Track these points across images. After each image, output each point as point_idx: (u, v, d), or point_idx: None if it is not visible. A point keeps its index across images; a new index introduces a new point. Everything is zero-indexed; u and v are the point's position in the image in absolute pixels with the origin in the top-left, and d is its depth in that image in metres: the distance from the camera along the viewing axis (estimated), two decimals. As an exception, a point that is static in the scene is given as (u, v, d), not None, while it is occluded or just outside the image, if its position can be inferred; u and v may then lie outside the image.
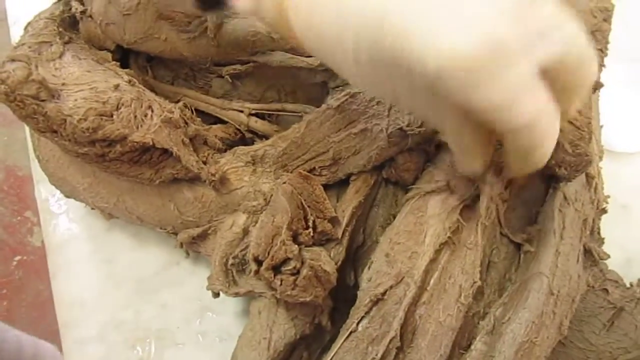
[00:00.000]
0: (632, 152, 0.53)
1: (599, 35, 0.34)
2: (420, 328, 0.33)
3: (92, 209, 0.46)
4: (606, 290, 0.41)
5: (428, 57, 0.22)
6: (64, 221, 0.51)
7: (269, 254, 0.34)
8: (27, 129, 0.52)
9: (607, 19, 0.35)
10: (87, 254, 0.49)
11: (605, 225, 0.44)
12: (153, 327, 0.46)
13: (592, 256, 0.38)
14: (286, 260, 0.34)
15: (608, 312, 0.41)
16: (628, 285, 0.42)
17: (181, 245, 0.44)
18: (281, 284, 0.34)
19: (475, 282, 0.33)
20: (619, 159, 0.53)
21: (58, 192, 0.49)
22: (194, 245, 0.44)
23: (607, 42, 0.35)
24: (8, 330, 0.46)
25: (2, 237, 1.41)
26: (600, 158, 0.41)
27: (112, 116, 0.36)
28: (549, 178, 0.36)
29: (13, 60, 0.37)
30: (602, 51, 0.35)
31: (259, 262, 0.35)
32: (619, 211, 0.51)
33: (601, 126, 0.43)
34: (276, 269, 0.35)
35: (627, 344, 0.40)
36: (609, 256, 0.39)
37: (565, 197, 0.35)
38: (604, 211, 0.40)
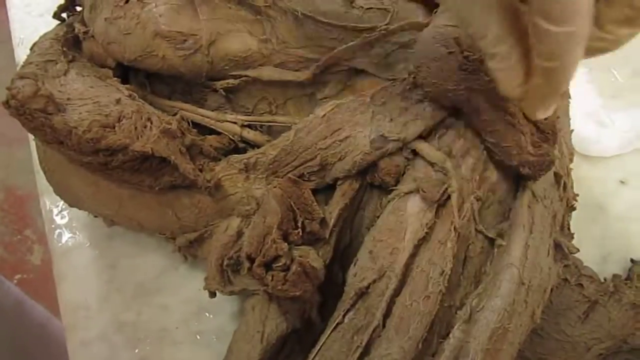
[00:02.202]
0: (607, 156, 0.56)
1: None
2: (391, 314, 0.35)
3: (95, 217, 0.49)
4: (581, 285, 0.44)
5: None
6: (68, 230, 0.53)
7: (260, 251, 0.37)
8: (31, 146, 0.55)
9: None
10: (90, 260, 0.51)
11: (582, 225, 0.46)
12: (153, 327, 0.48)
13: (562, 250, 0.41)
14: (277, 258, 0.37)
15: (583, 305, 0.43)
16: (602, 281, 0.45)
17: (179, 249, 0.46)
18: (272, 280, 0.37)
19: (444, 272, 0.36)
20: (595, 162, 0.56)
21: (61, 203, 0.52)
22: (191, 249, 0.46)
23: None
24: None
25: (2, 256, 1.43)
26: (571, 160, 0.44)
27: (114, 127, 0.39)
28: (519, 177, 0.39)
29: (22, 77, 0.40)
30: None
31: (252, 260, 0.37)
32: (595, 212, 0.54)
33: (572, 130, 0.46)
34: (267, 266, 0.37)
35: (601, 334, 0.42)
36: (578, 250, 0.42)
37: (534, 195, 0.38)
38: (573, 208, 0.43)
